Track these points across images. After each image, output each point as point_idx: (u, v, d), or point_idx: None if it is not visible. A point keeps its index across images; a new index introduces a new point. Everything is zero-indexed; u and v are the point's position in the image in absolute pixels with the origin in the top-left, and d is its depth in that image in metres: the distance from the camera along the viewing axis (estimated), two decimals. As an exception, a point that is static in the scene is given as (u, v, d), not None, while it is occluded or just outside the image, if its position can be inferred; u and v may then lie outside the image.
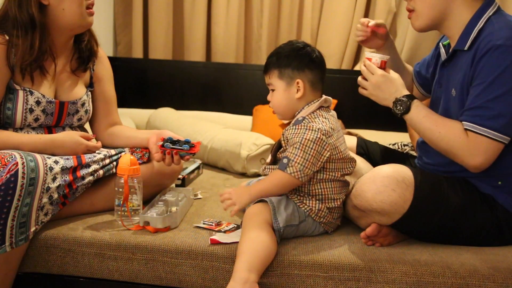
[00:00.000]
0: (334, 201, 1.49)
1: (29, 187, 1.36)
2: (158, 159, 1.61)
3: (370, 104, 1.64)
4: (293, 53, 1.52)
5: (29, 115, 1.57)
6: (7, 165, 1.33)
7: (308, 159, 1.41)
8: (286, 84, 1.52)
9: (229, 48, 3.21)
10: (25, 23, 1.53)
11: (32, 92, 1.57)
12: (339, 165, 1.50)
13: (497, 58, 1.33)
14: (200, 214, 1.67)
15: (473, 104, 1.37)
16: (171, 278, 1.42)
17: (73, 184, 1.51)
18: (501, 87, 1.33)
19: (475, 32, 1.42)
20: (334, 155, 1.47)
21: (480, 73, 1.36)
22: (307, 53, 1.52)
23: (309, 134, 1.42)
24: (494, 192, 1.43)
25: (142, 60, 3.28)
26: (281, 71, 1.52)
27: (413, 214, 1.36)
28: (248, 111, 2.96)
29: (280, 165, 1.44)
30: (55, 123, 1.65)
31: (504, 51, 1.33)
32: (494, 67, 1.34)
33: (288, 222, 1.42)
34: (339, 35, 3.09)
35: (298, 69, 1.50)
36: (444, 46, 1.59)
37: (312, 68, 1.52)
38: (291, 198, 1.47)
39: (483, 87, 1.35)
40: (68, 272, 1.47)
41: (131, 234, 1.48)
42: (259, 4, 3.18)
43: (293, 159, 1.41)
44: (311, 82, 1.52)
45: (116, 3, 3.33)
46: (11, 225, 1.34)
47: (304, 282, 1.36)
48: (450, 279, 1.31)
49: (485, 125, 1.34)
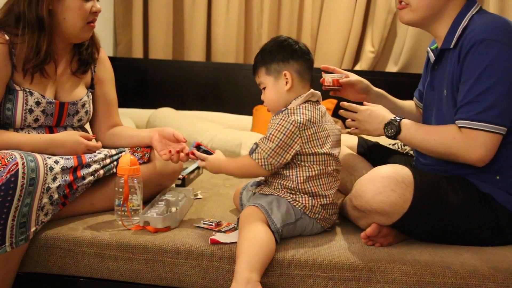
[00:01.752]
0: (325, 198, 1.49)
1: (29, 187, 1.36)
2: (167, 158, 1.61)
3: (370, 104, 1.65)
4: (276, 47, 1.55)
5: (29, 116, 1.57)
6: (7, 165, 1.33)
7: (273, 148, 1.43)
8: (274, 78, 1.53)
9: (229, 48, 3.22)
10: (33, 23, 1.53)
11: (32, 93, 1.57)
12: (320, 158, 1.48)
13: (481, 52, 1.36)
14: (200, 214, 1.67)
15: (464, 101, 1.39)
16: (171, 278, 1.42)
17: (74, 184, 1.51)
18: (489, 80, 1.35)
19: (460, 30, 1.45)
20: (308, 149, 1.46)
21: (467, 69, 1.39)
22: (289, 45, 1.54)
23: (282, 124, 1.44)
24: (493, 190, 1.43)
25: (142, 60, 3.28)
26: (267, 67, 1.54)
27: (413, 214, 1.36)
28: (248, 111, 2.97)
29: (250, 150, 1.48)
30: (55, 124, 1.65)
31: (487, 44, 1.36)
32: (479, 61, 1.36)
33: (284, 221, 1.42)
34: (339, 35, 3.09)
35: (283, 61, 1.52)
36: (432, 50, 1.60)
37: (296, 58, 1.53)
38: (284, 197, 1.47)
39: (471, 83, 1.37)
40: (68, 272, 1.47)
41: (131, 234, 1.48)
42: (259, 4, 3.18)
43: (261, 146, 1.44)
44: (298, 72, 1.53)
45: (116, 3, 3.33)
46: (11, 225, 1.34)
47: (304, 282, 1.36)
48: (450, 279, 1.31)
49: (478, 119, 1.36)
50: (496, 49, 1.35)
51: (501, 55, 1.35)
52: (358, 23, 3.06)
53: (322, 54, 3.12)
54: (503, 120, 1.36)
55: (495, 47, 1.35)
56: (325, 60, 3.01)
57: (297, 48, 1.54)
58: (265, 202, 1.44)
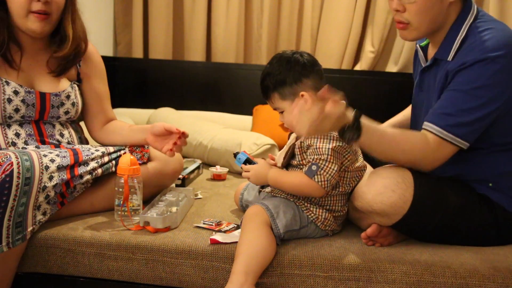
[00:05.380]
0: (340, 212, 1.48)
1: (24, 186, 1.35)
2: (172, 155, 1.61)
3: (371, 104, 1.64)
4: (283, 68, 1.45)
5: (7, 105, 1.55)
6: (2, 165, 1.32)
7: (335, 169, 1.39)
8: (291, 101, 1.45)
9: (229, 48, 3.21)
10: None
11: (9, 83, 1.56)
12: (354, 174, 1.48)
13: (477, 70, 1.33)
14: (200, 214, 1.67)
15: (445, 110, 1.36)
16: (171, 278, 1.42)
17: (71, 182, 1.51)
18: (476, 100, 1.33)
19: (458, 42, 1.40)
20: (351, 165, 1.45)
21: (459, 78, 1.35)
22: (296, 61, 1.45)
23: (334, 143, 1.40)
24: (489, 192, 1.43)
25: (142, 60, 3.27)
26: (280, 92, 1.46)
27: (413, 215, 1.36)
28: (248, 111, 2.97)
29: (308, 170, 1.40)
30: (39, 116, 1.63)
31: (486, 63, 1.32)
32: (474, 78, 1.33)
33: (288, 227, 1.41)
34: (339, 35, 3.09)
35: (296, 82, 1.44)
36: (422, 48, 1.57)
37: (307, 75, 1.45)
38: (298, 204, 1.46)
39: (457, 96, 1.35)
40: (68, 272, 1.47)
41: (131, 234, 1.48)
42: (259, 4, 3.18)
43: (323, 167, 1.39)
44: (314, 87, 1.45)
45: (116, 3, 3.32)
46: (7, 225, 1.33)
47: (304, 282, 1.36)
48: (450, 279, 1.32)
49: (453, 132, 1.35)
50: (493, 71, 1.32)
51: (497, 77, 1.32)
52: (358, 23, 3.06)
53: (322, 54, 3.11)
54: (471, 138, 1.36)
55: (494, 68, 1.32)
56: (325, 60, 3.01)
57: (305, 62, 1.45)
58: (272, 204, 1.44)
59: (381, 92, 2.89)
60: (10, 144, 1.57)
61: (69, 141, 1.69)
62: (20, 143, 1.58)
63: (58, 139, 1.65)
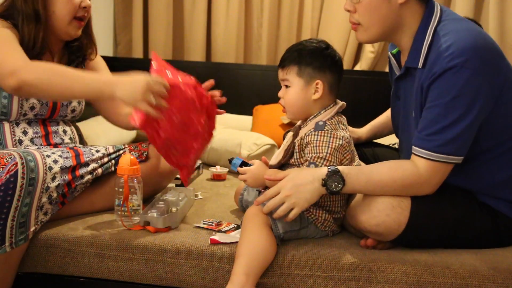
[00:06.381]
0: (339, 213, 1.48)
1: (28, 187, 1.36)
2: None
3: (371, 104, 1.64)
4: (317, 52, 1.47)
5: (25, 103, 1.59)
6: (7, 166, 1.33)
7: None
8: (305, 82, 1.46)
9: (229, 48, 3.22)
10: (30, 16, 1.57)
11: None
12: None
13: (449, 80, 1.27)
14: (200, 214, 1.67)
15: (429, 130, 1.31)
16: (171, 278, 1.42)
17: (72, 183, 1.51)
18: (455, 111, 1.27)
19: (425, 48, 1.34)
20: (349, 164, 1.45)
21: (433, 93, 1.30)
22: (330, 54, 1.48)
23: (335, 142, 1.40)
24: (490, 201, 1.41)
25: (142, 60, 3.28)
26: (301, 68, 1.46)
27: (409, 234, 1.35)
28: (248, 111, 2.96)
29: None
30: (50, 114, 1.66)
31: (456, 71, 1.25)
32: (447, 90, 1.27)
33: (288, 228, 1.41)
34: (339, 35, 3.09)
35: (320, 69, 1.45)
36: (394, 56, 1.54)
37: (333, 71, 1.47)
38: None
39: (437, 112, 1.29)
40: (68, 272, 1.47)
41: (131, 234, 1.48)
42: (259, 4, 3.18)
43: (321, 167, 1.38)
44: (330, 84, 1.47)
45: (116, 3, 3.33)
46: (11, 225, 1.34)
47: (304, 282, 1.36)
48: (450, 279, 1.31)
49: (443, 152, 1.30)
50: (464, 78, 1.25)
51: (470, 83, 1.26)
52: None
53: (322, 54, 3.12)
54: (463, 151, 1.31)
55: (464, 75, 1.25)
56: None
57: (337, 60, 1.48)
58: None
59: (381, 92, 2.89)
60: (17, 142, 1.59)
61: (71, 137, 1.72)
62: (27, 141, 1.60)
63: (61, 137, 1.68)
